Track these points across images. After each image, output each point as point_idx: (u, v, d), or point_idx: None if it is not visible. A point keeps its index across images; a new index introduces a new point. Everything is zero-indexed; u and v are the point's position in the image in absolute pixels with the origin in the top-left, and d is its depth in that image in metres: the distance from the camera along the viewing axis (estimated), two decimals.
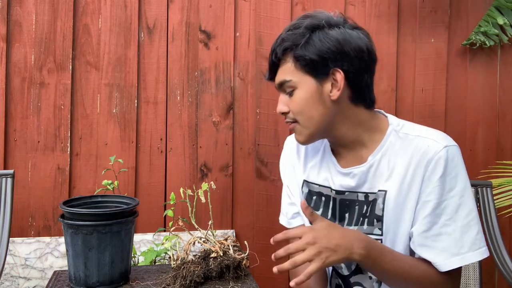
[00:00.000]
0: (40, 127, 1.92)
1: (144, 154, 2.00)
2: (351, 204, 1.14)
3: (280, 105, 1.13)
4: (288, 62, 1.09)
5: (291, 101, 1.11)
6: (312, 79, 1.08)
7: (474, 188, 1.69)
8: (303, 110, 1.09)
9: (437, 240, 1.04)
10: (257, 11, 2.07)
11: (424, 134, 1.09)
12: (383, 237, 1.10)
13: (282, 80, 1.11)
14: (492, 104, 2.28)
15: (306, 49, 1.06)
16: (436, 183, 1.03)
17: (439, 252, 1.04)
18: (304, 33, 1.07)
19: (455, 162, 1.04)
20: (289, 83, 1.09)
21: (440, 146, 1.04)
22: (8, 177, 1.60)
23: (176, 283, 1.19)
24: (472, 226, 1.04)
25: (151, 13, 2.00)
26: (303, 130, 1.11)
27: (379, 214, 1.10)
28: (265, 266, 2.01)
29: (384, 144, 1.11)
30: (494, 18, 2.18)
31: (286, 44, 1.08)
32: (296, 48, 1.07)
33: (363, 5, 2.16)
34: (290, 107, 1.11)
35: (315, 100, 1.08)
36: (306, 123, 1.10)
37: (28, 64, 1.91)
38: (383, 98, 2.17)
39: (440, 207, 1.04)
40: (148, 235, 1.94)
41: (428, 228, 1.04)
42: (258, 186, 2.07)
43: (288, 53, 1.09)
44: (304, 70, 1.08)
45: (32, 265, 1.85)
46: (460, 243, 1.03)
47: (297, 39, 1.07)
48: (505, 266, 1.58)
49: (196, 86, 2.04)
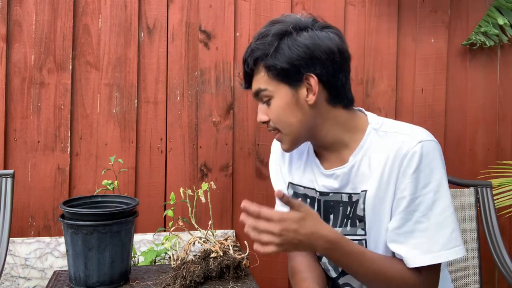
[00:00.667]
0: (40, 127, 1.92)
1: (144, 154, 2.00)
2: (335, 205, 1.14)
3: (260, 114, 1.14)
4: (261, 71, 1.09)
5: (270, 110, 1.11)
6: (286, 86, 1.08)
7: (474, 188, 1.69)
8: (282, 119, 1.09)
9: (409, 237, 1.03)
10: (257, 11, 2.07)
11: (402, 131, 1.08)
12: (367, 237, 1.10)
13: (257, 89, 1.11)
14: (492, 104, 2.28)
15: (276, 58, 1.06)
16: (409, 178, 1.02)
17: (411, 249, 1.02)
18: (272, 41, 1.07)
19: (430, 157, 1.03)
20: (265, 92, 1.10)
21: (415, 141, 1.03)
22: (8, 177, 1.60)
23: (176, 283, 1.19)
24: (447, 224, 1.02)
25: (151, 13, 2.00)
26: (286, 138, 1.12)
27: (360, 215, 1.10)
28: (265, 266, 2.01)
29: (364, 144, 1.10)
30: (494, 18, 2.18)
31: (256, 54, 1.08)
32: (266, 58, 1.07)
33: (363, 5, 2.16)
34: (269, 116, 1.12)
35: (292, 107, 1.08)
36: (286, 131, 1.11)
37: (28, 64, 1.91)
38: (383, 98, 2.17)
39: (414, 203, 1.02)
40: (148, 235, 1.94)
41: (401, 225, 1.04)
42: (258, 186, 2.07)
43: (260, 62, 1.09)
44: (277, 78, 1.07)
45: (32, 265, 1.85)
46: (433, 241, 1.02)
47: (266, 49, 1.07)
48: (505, 266, 1.58)
49: (196, 86, 2.04)
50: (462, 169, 2.22)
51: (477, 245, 1.64)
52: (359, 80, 2.15)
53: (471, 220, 1.66)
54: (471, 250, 1.64)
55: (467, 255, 1.64)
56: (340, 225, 1.14)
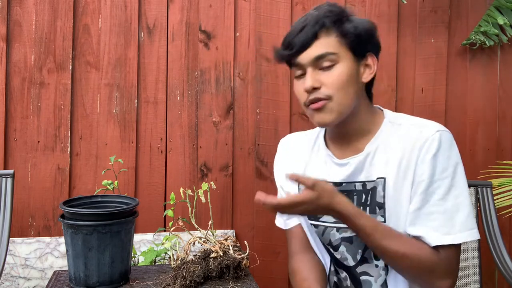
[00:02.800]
0: (40, 127, 1.92)
1: (144, 154, 2.00)
2: (349, 195, 1.15)
3: (311, 80, 1.07)
4: (332, 35, 1.09)
5: (329, 76, 1.08)
6: (352, 57, 1.10)
7: (474, 188, 1.69)
8: (343, 86, 1.08)
9: (428, 218, 1.06)
10: (257, 11, 2.07)
11: (418, 123, 1.13)
12: (387, 222, 1.12)
13: (323, 52, 1.07)
14: (492, 104, 2.27)
15: (352, 26, 1.09)
16: (428, 162, 1.06)
17: (430, 230, 1.05)
18: (345, 11, 1.11)
19: (448, 144, 1.08)
20: (333, 56, 1.07)
21: (433, 130, 1.08)
22: (8, 177, 1.60)
23: (176, 283, 1.19)
24: (463, 207, 1.06)
25: (151, 13, 2.00)
26: (337, 107, 1.09)
27: (380, 202, 1.11)
28: (265, 266, 2.01)
29: (380, 135, 1.14)
30: (494, 18, 2.17)
31: (334, 17, 1.09)
32: (343, 23, 1.09)
33: (363, 5, 2.15)
34: (326, 82, 1.08)
35: (353, 78, 1.10)
36: (342, 100, 1.08)
37: (28, 64, 1.91)
38: (383, 98, 2.17)
39: (433, 186, 1.06)
40: (148, 235, 1.94)
41: (421, 206, 1.06)
42: (258, 186, 2.07)
43: (334, 26, 1.08)
44: (349, 46, 1.09)
45: (32, 265, 1.85)
46: (451, 223, 1.05)
47: (343, 14, 1.10)
48: (505, 266, 1.58)
49: (196, 86, 2.04)
50: None
51: (477, 245, 1.64)
52: None
53: None
54: (471, 250, 1.64)
55: (467, 255, 1.64)
56: None
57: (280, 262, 2.08)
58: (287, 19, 2.07)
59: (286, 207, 1.01)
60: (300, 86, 1.12)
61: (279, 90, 2.06)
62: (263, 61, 2.06)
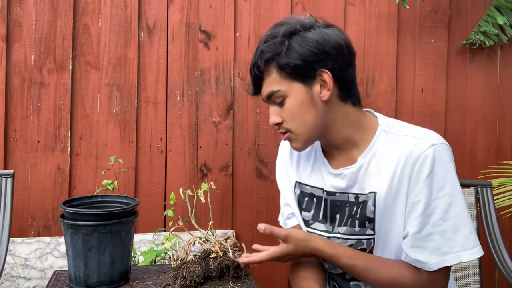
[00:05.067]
0: (40, 127, 1.92)
1: (144, 154, 2.00)
2: (342, 205, 1.15)
3: (273, 116, 1.12)
4: (272, 73, 1.09)
5: (283, 111, 1.10)
6: (300, 84, 1.08)
7: (474, 188, 1.69)
8: (297, 117, 1.09)
9: (428, 239, 1.03)
10: (257, 11, 2.07)
11: (412, 134, 1.08)
12: (376, 236, 1.11)
13: (270, 92, 1.10)
14: (492, 104, 2.27)
15: (289, 56, 1.06)
16: (423, 183, 1.03)
17: (431, 251, 1.03)
18: (282, 41, 1.07)
19: (443, 160, 1.03)
20: (278, 93, 1.09)
21: (427, 144, 1.04)
22: (8, 177, 1.60)
23: (176, 283, 1.19)
24: (464, 225, 1.03)
25: (151, 13, 2.00)
26: (299, 137, 1.11)
27: (370, 216, 1.10)
28: (265, 266, 2.01)
29: (373, 145, 1.11)
30: (494, 18, 2.17)
31: (267, 56, 1.08)
32: (278, 57, 1.07)
33: (363, 5, 2.16)
34: (283, 117, 1.11)
35: (306, 104, 1.08)
36: (300, 130, 1.10)
37: (28, 64, 1.91)
38: (383, 98, 2.17)
39: (431, 206, 1.03)
40: (148, 235, 1.94)
41: (420, 229, 1.04)
42: (258, 186, 2.07)
43: (271, 63, 1.08)
44: (291, 77, 1.07)
45: (32, 265, 1.85)
46: (452, 242, 1.02)
47: (278, 48, 1.07)
48: (505, 266, 1.58)
49: (196, 86, 2.04)
50: (462, 169, 2.22)
51: None
52: (359, 80, 2.15)
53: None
54: None
55: None
56: (346, 224, 1.14)
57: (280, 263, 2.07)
58: None
59: (270, 260, 1.12)
60: None
61: None
62: None
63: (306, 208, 1.21)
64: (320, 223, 1.19)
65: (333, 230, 1.17)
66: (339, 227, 1.15)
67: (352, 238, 1.13)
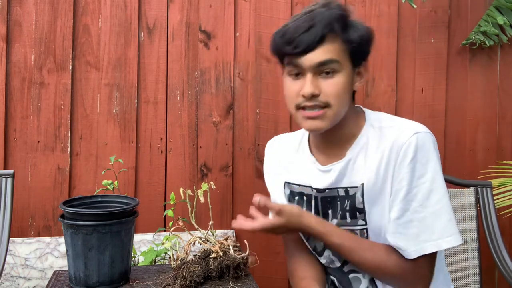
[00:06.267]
0: (40, 127, 1.92)
1: (144, 154, 2.00)
2: (332, 200, 1.16)
3: (311, 86, 1.04)
4: (337, 41, 1.05)
5: (329, 84, 1.05)
6: (351, 65, 1.08)
7: (474, 188, 1.69)
8: (341, 95, 1.06)
9: (408, 226, 1.05)
10: (257, 11, 2.07)
11: (396, 124, 1.10)
12: (368, 226, 1.12)
13: (327, 59, 1.03)
14: (492, 104, 2.27)
15: (357, 34, 1.07)
16: (406, 169, 1.04)
17: (410, 238, 1.05)
18: (350, 15, 1.08)
19: (425, 148, 1.04)
20: (335, 64, 1.04)
21: (410, 133, 1.05)
22: (8, 177, 1.60)
23: (176, 283, 1.19)
24: (443, 212, 1.04)
25: (151, 13, 2.00)
26: (333, 116, 1.07)
27: (360, 207, 1.11)
28: (265, 266, 2.01)
29: (361, 139, 1.12)
30: (494, 18, 2.17)
31: (343, 23, 1.06)
32: (349, 29, 1.06)
33: (363, 5, 2.15)
34: (326, 90, 1.05)
35: (349, 86, 1.09)
36: (339, 108, 1.07)
37: (28, 64, 1.91)
38: (383, 98, 2.17)
39: (411, 193, 1.04)
40: (148, 235, 1.94)
41: (400, 215, 1.06)
42: (258, 186, 2.07)
43: (338, 32, 1.05)
44: (350, 54, 1.07)
45: (32, 265, 1.85)
46: (430, 230, 1.04)
47: (349, 19, 1.07)
48: (505, 266, 1.58)
49: (196, 86, 2.04)
50: (462, 169, 2.22)
51: (477, 245, 1.64)
52: None
53: (471, 220, 1.66)
54: (471, 250, 1.64)
55: (467, 255, 1.64)
56: (339, 217, 1.15)
57: (280, 262, 2.07)
58: (287, 19, 2.05)
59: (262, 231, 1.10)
60: (294, 87, 1.07)
61: (279, 90, 2.06)
62: (263, 61, 2.06)
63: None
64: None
65: None
66: (331, 221, 1.16)
67: (344, 229, 1.14)
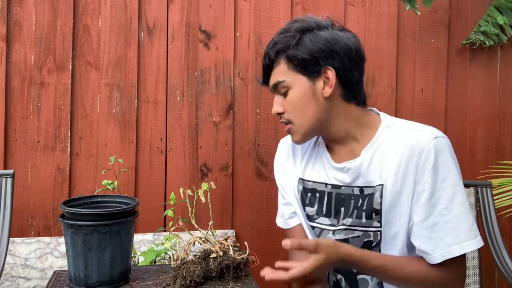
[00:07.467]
0: (40, 127, 1.92)
1: (144, 154, 2.00)
2: (347, 198, 1.16)
3: (275, 106, 1.17)
4: (281, 63, 1.14)
5: (286, 101, 1.15)
6: (305, 78, 1.13)
7: (474, 188, 1.69)
8: (297, 108, 1.14)
9: (434, 230, 1.07)
10: (257, 11, 2.07)
11: (414, 127, 1.13)
12: (382, 229, 1.12)
13: (276, 81, 1.15)
14: (492, 104, 2.27)
15: (298, 50, 1.11)
16: (429, 172, 1.06)
17: (437, 242, 1.06)
18: (295, 35, 1.13)
19: (446, 152, 1.08)
20: (283, 83, 1.14)
21: (431, 137, 1.08)
22: (8, 177, 1.60)
23: (176, 283, 1.19)
24: (467, 215, 1.07)
25: (151, 13, 2.00)
26: (298, 129, 1.15)
27: (377, 208, 1.12)
28: (265, 266, 2.01)
29: (376, 139, 1.14)
30: (494, 18, 2.17)
31: (279, 47, 1.13)
32: (288, 49, 1.12)
33: (363, 5, 2.15)
34: (285, 107, 1.15)
35: (308, 98, 1.13)
36: (300, 122, 1.14)
37: (28, 64, 1.91)
38: (383, 98, 2.17)
39: (435, 196, 1.07)
40: (148, 235, 1.94)
41: (425, 218, 1.07)
42: (258, 186, 2.07)
43: (281, 55, 1.14)
44: (297, 69, 1.12)
45: (32, 265, 1.85)
46: (456, 232, 1.06)
47: (289, 41, 1.13)
48: (505, 266, 1.58)
49: (196, 86, 2.04)
50: (462, 169, 2.16)
51: None
52: None
53: None
54: (471, 250, 1.64)
55: (467, 255, 1.64)
56: (351, 216, 1.15)
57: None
58: (287, 19, 2.07)
59: (302, 278, 0.99)
60: None
61: None
62: None
63: (309, 204, 1.23)
64: (325, 217, 1.20)
65: (338, 223, 1.18)
66: (344, 220, 1.16)
67: (358, 229, 1.14)
